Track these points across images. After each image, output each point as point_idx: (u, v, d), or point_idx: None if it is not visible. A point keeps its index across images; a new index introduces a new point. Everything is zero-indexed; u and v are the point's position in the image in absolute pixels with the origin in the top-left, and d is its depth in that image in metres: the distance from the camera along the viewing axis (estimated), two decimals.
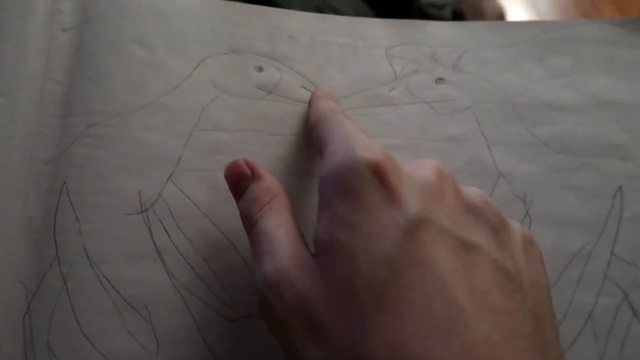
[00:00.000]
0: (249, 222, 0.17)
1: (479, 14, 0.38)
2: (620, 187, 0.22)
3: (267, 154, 0.22)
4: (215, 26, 0.24)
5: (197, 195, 0.21)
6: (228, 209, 0.21)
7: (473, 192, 0.17)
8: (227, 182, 0.19)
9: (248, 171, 0.18)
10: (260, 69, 0.23)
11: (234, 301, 0.20)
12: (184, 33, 0.23)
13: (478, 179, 0.23)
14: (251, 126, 0.22)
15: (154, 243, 0.20)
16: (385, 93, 0.24)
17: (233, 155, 0.22)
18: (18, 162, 0.20)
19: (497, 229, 0.16)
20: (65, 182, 0.20)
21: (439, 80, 0.24)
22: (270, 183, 0.18)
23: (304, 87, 0.23)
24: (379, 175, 0.15)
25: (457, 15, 0.36)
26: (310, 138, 0.20)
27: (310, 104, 0.22)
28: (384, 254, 0.14)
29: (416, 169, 0.16)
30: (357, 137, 0.16)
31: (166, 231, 0.21)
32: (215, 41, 0.23)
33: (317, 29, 0.24)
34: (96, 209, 0.20)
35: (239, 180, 0.19)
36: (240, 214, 0.18)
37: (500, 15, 0.41)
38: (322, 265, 0.15)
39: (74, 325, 0.19)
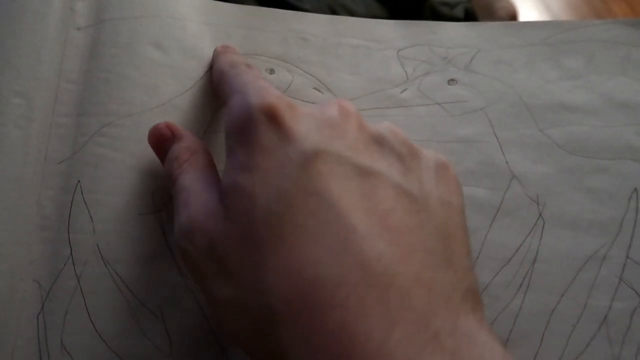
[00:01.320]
0: (171, 179, 0.18)
1: (491, 13, 0.38)
2: (635, 190, 0.22)
3: None
4: (229, 30, 0.24)
5: None
6: None
7: (381, 124, 0.17)
8: (151, 146, 0.20)
9: (169, 132, 0.19)
10: (272, 71, 0.23)
11: None
12: (198, 36, 0.23)
13: (490, 180, 0.22)
14: None
15: (167, 243, 0.21)
16: (397, 94, 0.24)
17: None
18: (33, 161, 0.20)
19: (404, 155, 0.17)
20: (79, 182, 0.21)
21: (451, 81, 0.24)
22: (189, 142, 0.19)
23: (316, 89, 0.23)
24: (273, 117, 0.16)
25: (469, 15, 0.36)
26: (217, 96, 0.21)
27: (212, 61, 0.22)
28: (278, 189, 0.15)
29: (318, 108, 0.17)
30: (253, 85, 0.17)
31: None
32: (228, 44, 0.23)
33: (329, 31, 0.24)
34: (110, 209, 0.20)
35: (161, 143, 0.19)
36: (164, 173, 0.19)
37: (512, 14, 0.41)
38: (226, 208, 0.16)
39: (88, 324, 0.19)
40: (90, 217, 0.20)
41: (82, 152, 0.21)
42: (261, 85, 0.17)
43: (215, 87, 0.21)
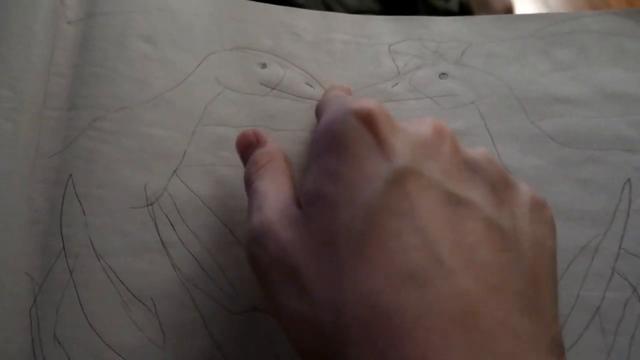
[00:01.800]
0: (247, 183, 0.18)
1: (486, 6, 0.38)
2: (628, 180, 0.22)
3: None
4: (221, 23, 0.24)
5: (201, 190, 0.21)
6: (232, 203, 0.21)
7: (476, 149, 0.16)
8: (238, 151, 0.20)
9: (254, 138, 0.19)
10: (264, 66, 0.23)
11: (238, 294, 0.20)
12: (189, 29, 0.23)
13: None
14: (255, 122, 0.23)
15: (160, 236, 0.21)
16: (388, 89, 0.24)
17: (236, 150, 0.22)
18: (24, 155, 0.21)
19: (498, 186, 0.15)
20: (71, 175, 0.21)
21: (443, 75, 0.24)
22: (270, 147, 0.19)
23: (308, 84, 0.23)
24: (369, 125, 0.15)
25: (464, 7, 0.36)
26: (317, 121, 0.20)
27: (322, 96, 0.22)
28: (363, 204, 0.14)
29: (413, 124, 0.16)
30: (352, 97, 0.17)
31: (171, 225, 0.21)
32: (220, 37, 0.24)
33: (321, 26, 0.24)
34: (102, 202, 0.21)
35: (246, 148, 0.19)
36: (244, 177, 0.19)
37: (508, 7, 0.40)
38: (305, 217, 0.15)
39: (81, 317, 0.19)
40: (83, 210, 0.20)
41: (73, 146, 0.21)
42: (361, 97, 0.17)
43: (316, 112, 0.21)
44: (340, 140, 0.15)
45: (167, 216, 0.21)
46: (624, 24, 0.24)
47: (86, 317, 0.20)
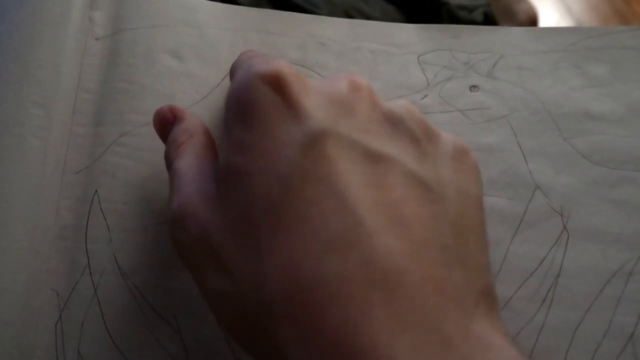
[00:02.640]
0: (167, 163, 0.17)
1: (510, 16, 0.37)
2: None
3: None
4: (246, 35, 0.23)
5: None
6: None
7: (396, 103, 0.16)
8: (156, 130, 0.19)
9: (171, 115, 0.18)
10: None
11: None
12: (216, 43, 0.23)
13: (513, 190, 0.22)
14: None
15: None
16: (417, 101, 0.23)
17: None
18: (52, 171, 0.20)
19: (420, 139, 0.15)
20: (96, 191, 0.21)
21: (473, 87, 0.23)
22: (188, 124, 0.18)
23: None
24: (278, 87, 0.14)
25: (488, 18, 0.35)
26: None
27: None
28: (278, 173, 0.13)
29: (327, 82, 0.15)
30: (260, 59, 0.15)
31: None
32: (244, 49, 0.23)
33: (348, 35, 0.24)
34: (127, 219, 0.20)
35: (164, 126, 0.18)
36: (164, 156, 0.18)
37: (532, 17, 0.40)
38: (221, 193, 0.14)
39: (104, 334, 0.19)
40: (107, 226, 0.20)
41: (99, 162, 0.21)
42: (269, 57, 0.16)
43: (230, 78, 0.19)
44: (248, 108, 0.14)
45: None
46: None
47: (109, 334, 0.19)
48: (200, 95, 0.22)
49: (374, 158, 0.14)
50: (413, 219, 0.13)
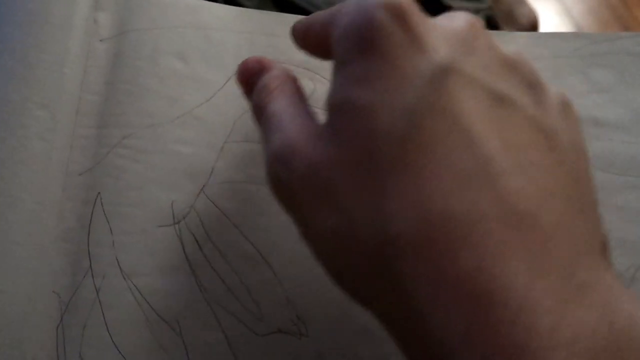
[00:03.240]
0: (259, 109, 0.16)
1: (512, 20, 0.37)
2: None
3: None
4: (252, 37, 0.23)
5: (229, 208, 0.21)
6: (260, 221, 0.21)
7: (510, 49, 0.15)
8: (240, 84, 0.18)
9: (258, 66, 0.18)
10: None
11: (264, 315, 0.20)
12: (221, 45, 0.23)
13: None
14: None
15: (186, 255, 0.20)
16: None
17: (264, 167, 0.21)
18: (55, 173, 0.20)
19: (535, 86, 0.15)
20: (99, 193, 0.20)
21: None
22: (278, 71, 0.17)
23: None
24: (399, 18, 0.13)
25: (490, 22, 0.35)
26: (300, 43, 0.18)
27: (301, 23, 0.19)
28: (403, 106, 0.13)
29: (445, 18, 0.15)
30: None
31: (198, 244, 0.21)
32: (250, 53, 0.23)
33: None
34: (129, 221, 0.20)
35: (249, 78, 0.18)
36: (252, 107, 0.17)
37: (533, 21, 0.40)
38: (334, 129, 0.13)
39: (106, 337, 0.19)
40: (110, 229, 0.20)
41: (103, 164, 0.21)
42: None
43: (304, 33, 0.18)
44: (370, 39, 0.13)
45: (193, 234, 0.21)
46: None
47: (111, 336, 0.19)
48: (204, 98, 0.22)
49: (497, 99, 0.13)
50: (538, 164, 0.13)
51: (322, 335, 0.20)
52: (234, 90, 0.22)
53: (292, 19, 0.24)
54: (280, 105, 0.16)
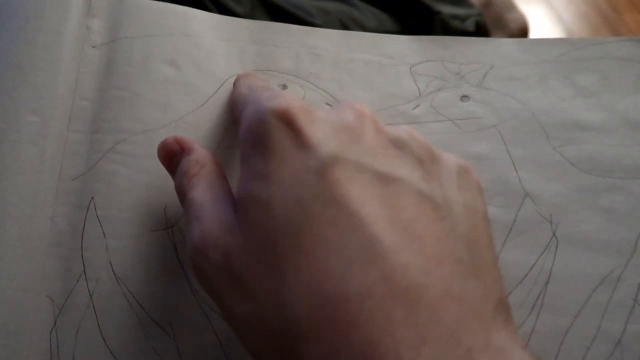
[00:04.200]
0: (181, 195, 0.18)
1: (502, 25, 0.38)
2: None
3: None
4: (242, 45, 0.24)
5: None
6: None
7: (399, 128, 0.17)
8: (161, 162, 0.19)
9: (177, 147, 0.19)
10: (284, 87, 0.23)
11: None
12: (212, 53, 0.23)
13: (503, 198, 0.22)
14: None
15: (179, 259, 0.21)
16: (409, 111, 0.24)
17: None
18: (48, 178, 0.21)
19: (424, 160, 0.16)
20: (92, 198, 0.21)
21: (464, 97, 0.24)
22: (198, 155, 0.18)
23: (328, 104, 0.23)
24: (287, 122, 0.15)
25: (480, 27, 0.35)
26: (233, 118, 0.20)
27: (233, 86, 0.22)
28: (296, 197, 0.14)
29: (333, 112, 0.16)
30: (267, 93, 0.17)
31: None
32: (240, 60, 0.23)
33: (342, 46, 0.24)
34: (122, 225, 0.21)
35: (171, 158, 0.19)
36: (175, 189, 0.18)
37: (523, 26, 0.40)
38: (241, 221, 0.15)
39: (100, 340, 0.19)
40: (103, 233, 0.20)
41: (95, 169, 0.21)
42: (277, 91, 0.17)
43: (232, 109, 0.21)
44: (262, 141, 0.15)
45: (186, 239, 0.21)
46: None
47: (105, 340, 0.19)
48: (196, 104, 0.22)
49: (383, 179, 0.15)
50: (426, 235, 0.14)
51: None
52: (226, 97, 0.23)
53: (280, 27, 0.24)
54: (198, 193, 0.17)
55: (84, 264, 0.20)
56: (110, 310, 0.20)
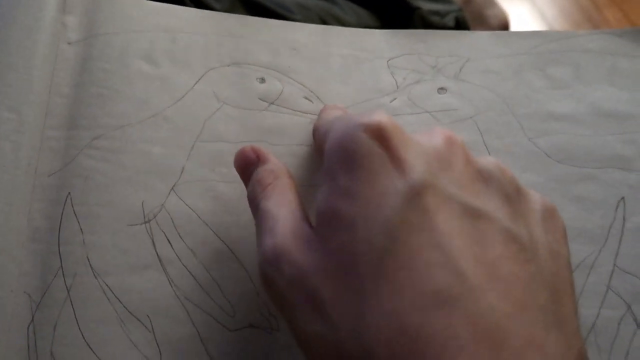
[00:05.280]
0: (254, 203, 0.17)
1: (482, 21, 0.38)
2: (622, 198, 0.22)
3: None
4: (219, 39, 0.24)
5: (199, 206, 0.21)
6: (230, 219, 0.21)
7: (487, 159, 0.16)
8: (237, 170, 0.19)
9: (253, 156, 0.19)
10: (262, 81, 0.24)
11: (235, 311, 0.20)
12: (189, 47, 0.23)
13: None
14: (253, 137, 0.23)
15: (157, 253, 0.21)
16: (387, 103, 0.24)
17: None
18: (24, 174, 0.21)
19: (512, 196, 0.15)
20: (69, 194, 0.21)
21: (441, 90, 0.24)
22: (273, 165, 0.18)
23: (306, 98, 0.24)
24: (380, 139, 0.14)
25: (460, 23, 0.36)
26: (318, 149, 0.20)
27: (318, 117, 0.22)
28: (382, 221, 0.13)
29: (424, 136, 0.16)
30: (361, 113, 0.16)
31: (169, 241, 0.21)
32: (218, 54, 0.24)
33: (320, 41, 0.25)
34: (100, 220, 0.21)
35: (246, 166, 0.19)
36: (247, 197, 0.18)
37: (504, 22, 0.41)
38: (321, 237, 0.15)
39: (78, 335, 0.19)
40: (81, 228, 0.20)
41: (72, 165, 0.21)
42: (370, 111, 0.16)
43: (315, 135, 0.20)
44: (352, 157, 0.15)
45: (164, 233, 0.21)
46: (618, 43, 0.25)
47: (83, 334, 0.19)
48: (174, 99, 0.22)
49: (472, 214, 0.14)
50: (512, 278, 0.14)
51: None
52: (204, 90, 0.23)
53: (258, 21, 0.24)
54: (273, 203, 0.17)
55: (61, 260, 0.20)
56: (88, 305, 0.20)
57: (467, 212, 0.14)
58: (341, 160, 0.15)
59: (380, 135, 0.15)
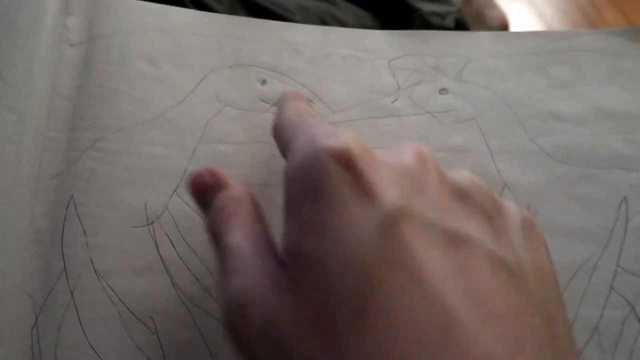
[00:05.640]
0: (216, 236, 0.15)
1: (482, 22, 0.38)
2: (625, 198, 0.22)
3: (271, 166, 0.22)
4: (221, 41, 0.24)
5: None
6: None
7: (460, 174, 0.15)
8: (192, 194, 0.17)
9: (211, 180, 0.17)
10: (264, 82, 0.24)
11: None
12: (190, 48, 0.23)
13: None
14: (255, 138, 0.23)
15: (160, 255, 0.21)
16: (388, 104, 0.24)
17: (237, 168, 0.22)
18: (27, 176, 0.21)
19: (490, 212, 0.14)
20: (72, 196, 0.21)
21: (443, 90, 0.24)
22: (237, 191, 0.16)
23: (308, 99, 0.24)
24: (347, 165, 0.13)
25: (460, 24, 0.36)
26: (277, 145, 0.18)
27: (277, 107, 0.19)
28: (357, 259, 0.12)
29: (393, 154, 0.14)
30: (322, 129, 0.14)
31: (172, 243, 0.21)
32: (220, 55, 0.24)
33: (321, 41, 0.25)
34: (103, 222, 0.21)
35: (203, 192, 0.17)
36: (207, 228, 0.16)
37: (503, 23, 0.41)
38: (290, 280, 0.13)
39: (81, 337, 0.19)
40: (84, 230, 0.20)
41: (75, 167, 0.21)
42: (332, 128, 0.15)
43: (276, 136, 0.18)
44: (316, 186, 0.13)
45: (167, 235, 0.21)
46: (619, 43, 0.25)
47: (86, 337, 0.19)
48: (176, 100, 0.22)
49: (453, 240, 0.13)
50: (506, 311, 0.12)
51: None
52: (206, 92, 0.23)
53: (259, 23, 0.24)
54: (238, 237, 0.15)
55: (64, 261, 0.20)
56: (92, 307, 0.20)
57: (449, 238, 0.13)
58: (304, 189, 0.13)
59: (347, 161, 0.13)
